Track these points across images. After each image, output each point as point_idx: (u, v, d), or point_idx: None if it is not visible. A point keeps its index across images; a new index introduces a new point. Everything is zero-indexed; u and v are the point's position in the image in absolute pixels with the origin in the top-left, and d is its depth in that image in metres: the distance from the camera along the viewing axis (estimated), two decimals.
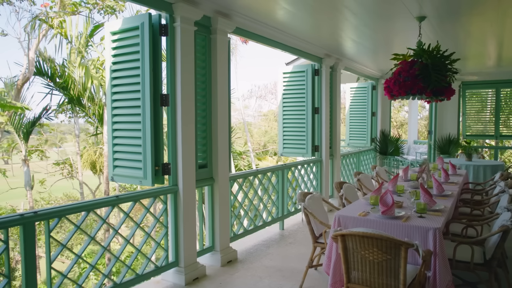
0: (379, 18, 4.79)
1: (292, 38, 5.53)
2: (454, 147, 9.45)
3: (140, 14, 3.63)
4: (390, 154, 9.43)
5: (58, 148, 20.40)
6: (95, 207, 3.08)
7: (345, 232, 2.61)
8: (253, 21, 4.64)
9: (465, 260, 3.07)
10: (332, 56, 6.72)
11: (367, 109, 9.23)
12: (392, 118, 25.57)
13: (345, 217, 3.21)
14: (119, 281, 3.28)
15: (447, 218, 3.49)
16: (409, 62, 4.38)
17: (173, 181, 3.78)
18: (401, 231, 2.97)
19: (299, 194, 3.77)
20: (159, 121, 3.67)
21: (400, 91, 4.36)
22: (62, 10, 7.32)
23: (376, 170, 5.99)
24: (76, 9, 7.41)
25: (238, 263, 4.36)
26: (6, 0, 9.37)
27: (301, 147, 6.57)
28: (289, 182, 5.91)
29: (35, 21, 7.67)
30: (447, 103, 9.69)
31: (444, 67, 4.22)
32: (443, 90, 4.26)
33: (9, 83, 8.24)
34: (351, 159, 8.37)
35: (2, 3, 9.40)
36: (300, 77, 6.53)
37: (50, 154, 16.83)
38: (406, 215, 3.14)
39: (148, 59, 3.52)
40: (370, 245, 2.55)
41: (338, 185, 4.45)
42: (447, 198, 3.87)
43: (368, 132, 9.26)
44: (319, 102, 6.64)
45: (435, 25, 4.97)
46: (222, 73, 4.27)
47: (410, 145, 12.52)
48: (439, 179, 4.88)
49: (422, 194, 3.39)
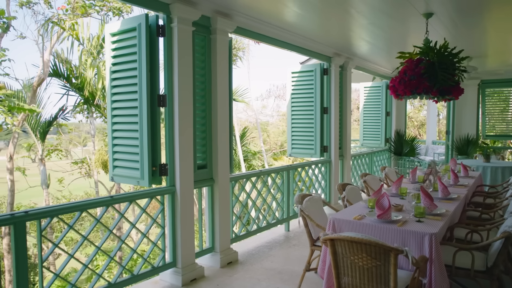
0: (387, 16, 4.66)
1: (298, 37, 5.45)
2: (472, 147, 9.13)
3: (137, 15, 3.65)
4: (405, 155, 9.19)
5: (83, 147, 20.93)
6: (88, 207, 3.11)
7: (334, 236, 2.54)
8: (256, 21, 4.59)
9: (466, 267, 2.94)
10: (341, 55, 6.59)
11: (381, 109, 9.03)
12: (412, 117, 25.00)
13: (340, 220, 3.12)
14: (113, 281, 3.30)
15: (449, 223, 3.35)
16: (415, 60, 4.23)
17: (171, 181, 3.78)
18: (396, 236, 2.86)
19: (297, 196, 3.70)
20: (156, 121, 3.67)
21: (406, 90, 4.22)
22: (72, 13, 7.47)
23: (385, 171, 5.84)
24: (86, 11, 7.56)
25: (239, 264, 4.32)
26: (25, 4, 9.65)
27: (309, 148, 6.48)
28: (295, 183, 5.83)
29: (47, 24, 7.86)
30: (466, 102, 9.39)
31: (451, 65, 4.05)
32: (450, 89, 4.10)
33: (27, 84, 8.48)
34: (363, 159, 8.21)
35: (21, 6, 9.68)
36: (308, 77, 6.44)
37: (74, 153, 17.29)
38: (403, 220, 3.03)
39: (144, 60, 3.53)
40: (359, 250, 2.47)
41: (341, 186, 4.35)
42: (452, 201, 3.72)
43: (382, 132, 9.05)
44: (328, 101, 6.53)
45: (446, 22, 4.79)
46: (223, 72, 4.24)
47: (428, 146, 12.19)
48: (448, 182, 4.70)
49: (422, 198, 3.26)
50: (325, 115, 6.49)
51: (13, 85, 18.24)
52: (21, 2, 9.66)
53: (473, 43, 6.05)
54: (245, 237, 4.82)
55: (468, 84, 9.23)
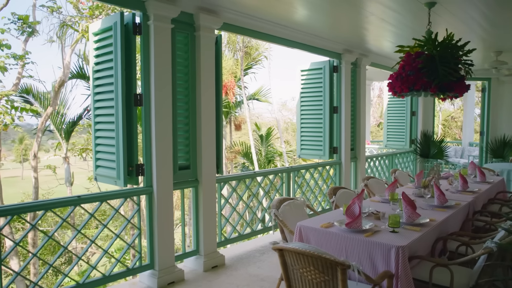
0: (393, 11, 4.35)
1: (298, 33, 5.21)
2: (509, 150, 8.34)
3: (113, 14, 3.62)
4: (433, 157, 8.58)
5: None
6: (52, 207, 3.09)
7: (281, 246, 2.33)
8: (247, 17, 4.42)
9: (446, 285, 2.60)
10: (353, 52, 6.25)
11: (406, 108, 8.50)
12: (455, 118, 23.51)
13: (306, 228, 2.89)
14: (82, 281, 3.27)
15: (438, 234, 3.01)
16: (414, 54, 3.87)
17: (147, 182, 3.71)
18: (362, 247, 2.59)
19: (274, 200, 3.50)
20: (133, 121, 3.62)
21: (403, 87, 3.87)
22: (80, 14, 7.70)
23: (396, 174, 5.44)
24: (93, 13, 7.76)
25: (223, 269, 4.17)
26: (56, 10, 10.09)
27: (318, 149, 6.20)
28: (298, 185, 5.59)
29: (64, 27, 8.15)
30: (503, 100, 8.62)
31: (452, 58, 3.65)
32: (452, 85, 3.69)
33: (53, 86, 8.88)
34: (383, 162, 7.75)
35: (52, 12, 10.13)
36: (317, 75, 6.17)
37: None
38: (375, 229, 2.74)
39: (119, 59, 3.49)
40: (306, 263, 2.24)
41: (332, 191, 4.08)
42: (446, 210, 3.34)
43: (407, 133, 8.52)
44: (338, 100, 6.21)
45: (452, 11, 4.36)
46: (208, 70, 4.11)
47: (464, 148, 11.36)
48: (456, 187, 4.27)
49: (403, 205, 2.94)
50: (335, 115, 6.19)
51: (38, 86, 19.11)
52: (51, 8, 10.11)
53: (503, 36, 5.48)
54: (235, 240, 4.66)
55: (505, 81, 8.47)
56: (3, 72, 7.07)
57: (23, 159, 31.43)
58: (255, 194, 4.94)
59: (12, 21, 8.12)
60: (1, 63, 6.99)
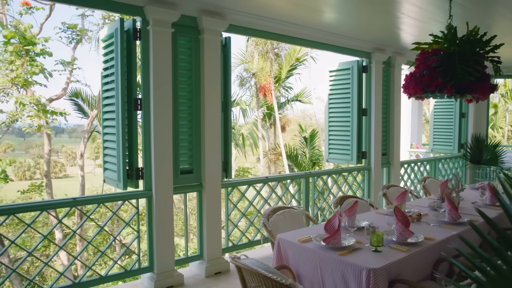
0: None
1: (321, 34, 4.97)
2: None
3: (115, 21, 3.70)
4: (485, 163, 7.77)
5: None
6: (48, 208, 3.23)
7: (236, 262, 2.20)
8: (255, 17, 4.30)
9: None
10: (385, 50, 5.84)
11: (454, 110, 7.78)
12: None
13: (285, 241, 2.71)
14: (78, 280, 3.39)
15: (435, 255, 2.67)
16: (431, 51, 3.49)
17: (147, 185, 3.75)
18: (336, 266, 2.36)
19: (268, 209, 3.35)
20: (133, 125, 3.69)
21: (416, 88, 3.50)
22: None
23: (425, 183, 4.98)
24: (103, 20, 8.06)
25: (227, 275, 4.10)
26: (107, 17, 10.72)
27: (345, 153, 5.88)
28: (318, 192, 5.34)
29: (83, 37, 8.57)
30: None
31: (472, 55, 3.23)
32: (471, 86, 3.26)
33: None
34: (423, 167, 7.16)
35: (104, 19, 10.78)
36: (345, 75, 5.85)
37: None
38: (355, 247, 2.49)
39: (120, 64, 3.57)
40: (261, 283, 2.10)
41: (338, 200, 3.82)
42: (455, 228, 2.95)
43: (455, 136, 7.79)
44: (368, 102, 5.85)
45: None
46: (213, 73, 4.05)
47: None
48: (485, 200, 3.79)
49: (395, 222, 2.64)
50: (364, 117, 5.83)
51: (86, 90, 20.23)
52: (103, 16, 10.78)
53: None
54: (244, 247, 4.56)
55: None
56: (46, 78, 7.67)
57: (96, 156, 33.93)
58: (266, 200, 4.81)
59: (62, 29, 8.77)
60: (40, 69, 7.56)
